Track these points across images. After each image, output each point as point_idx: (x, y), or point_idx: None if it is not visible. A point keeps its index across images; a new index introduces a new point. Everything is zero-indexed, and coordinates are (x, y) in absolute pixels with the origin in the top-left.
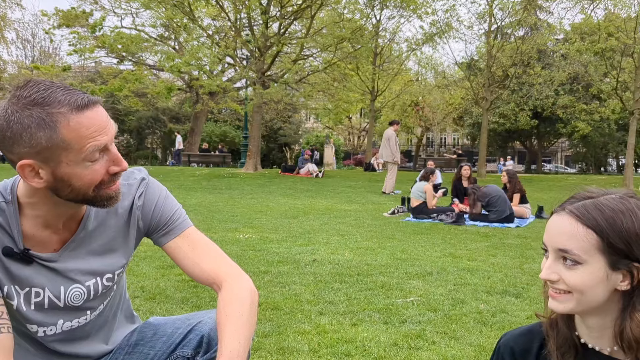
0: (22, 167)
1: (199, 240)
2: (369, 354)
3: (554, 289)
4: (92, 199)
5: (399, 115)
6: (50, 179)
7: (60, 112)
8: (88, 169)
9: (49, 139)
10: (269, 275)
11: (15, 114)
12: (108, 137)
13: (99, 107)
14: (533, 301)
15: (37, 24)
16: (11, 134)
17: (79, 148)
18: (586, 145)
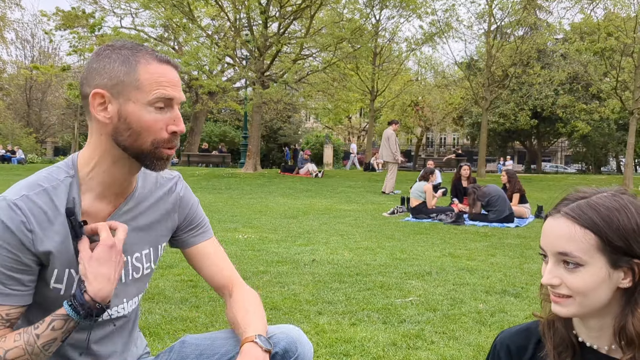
0: (94, 96)
1: (220, 248)
2: (368, 353)
3: (555, 293)
4: (147, 154)
5: (399, 115)
6: (115, 116)
7: (144, 57)
8: (150, 114)
9: (127, 74)
10: (268, 275)
11: (106, 51)
12: (176, 94)
13: (176, 70)
14: (532, 301)
15: (36, 24)
16: (97, 66)
17: (149, 90)
18: (586, 145)
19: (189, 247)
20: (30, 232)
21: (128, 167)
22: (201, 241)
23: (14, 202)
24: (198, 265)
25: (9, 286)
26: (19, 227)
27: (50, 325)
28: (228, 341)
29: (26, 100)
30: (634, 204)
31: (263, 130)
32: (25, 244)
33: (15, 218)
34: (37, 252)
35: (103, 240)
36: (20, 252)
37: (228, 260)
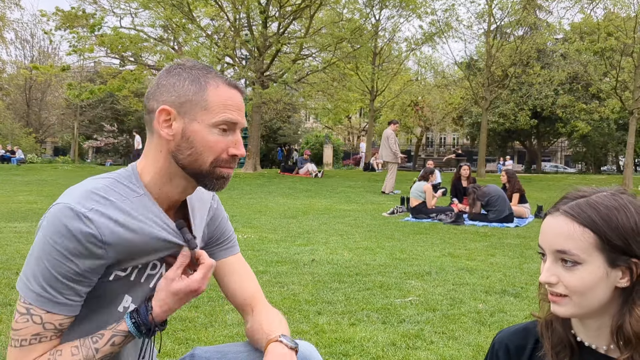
0: (161, 112)
1: (246, 264)
2: (367, 353)
3: (553, 292)
4: (206, 173)
5: (399, 115)
6: (178, 134)
7: (214, 79)
8: (213, 135)
9: (196, 94)
10: (268, 275)
11: (177, 69)
12: (241, 119)
13: (242, 96)
14: (532, 301)
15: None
16: (166, 82)
17: (216, 112)
18: (586, 144)
19: (219, 260)
20: (103, 244)
21: (183, 187)
22: (228, 256)
23: (84, 215)
24: (223, 280)
25: (66, 296)
26: (89, 239)
27: (111, 341)
28: (239, 355)
29: (26, 100)
30: (633, 203)
31: (263, 130)
32: (97, 255)
33: (85, 230)
34: (110, 262)
35: (193, 281)
36: (85, 262)
37: (254, 277)
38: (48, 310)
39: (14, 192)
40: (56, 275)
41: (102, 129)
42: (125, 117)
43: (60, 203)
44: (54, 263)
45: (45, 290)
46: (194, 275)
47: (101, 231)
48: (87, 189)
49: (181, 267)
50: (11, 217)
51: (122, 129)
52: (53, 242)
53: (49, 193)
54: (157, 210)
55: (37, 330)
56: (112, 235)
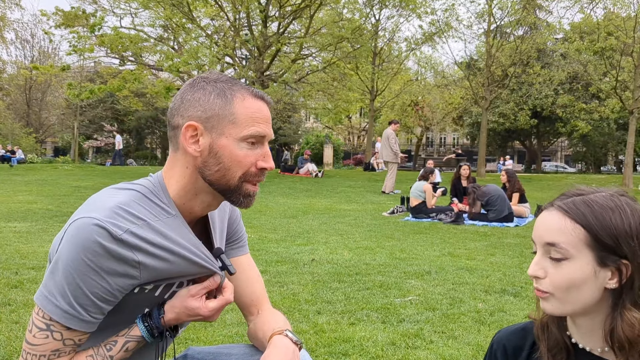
0: (187, 128)
1: (254, 266)
2: (367, 353)
3: (538, 288)
4: (233, 189)
5: (399, 114)
6: (205, 149)
7: (240, 91)
8: (242, 150)
9: (222, 107)
10: (267, 275)
11: (201, 83)
12: (269, 131)
13: (269, 107)
14: (531, 300)
15: (36, 24)
16: (191, 97)
17: (244, 126)
18: (586, 144)
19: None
20: (139, 265)
21: (208, 202)
22: (238, 255)
23: (119, 237)
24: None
25: (91, 314)
26: (125, 260)
27: (124, 347)
28: (232, 357)
29: (26, 100)
30: (630, 205)
31: None
32: (131, 275)
33: (121, 252)
34: (141, 282)
35: (207, 308)
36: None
37: (261, 280)
38: (71, 327)
39: (13, 192)
40: (87, 293)
41: (102, 129)
42: (126, 117)
43: (90, 218)
44: (86, 281)
45: (73, 307)
46: (210, 303)
47: (137, 253)
48: (116, 204)
49: (206, 289)
50: (10, 217)
51: (123, 128)
52: (87, 260)
53: (48, 193)
54: (189, 235)
55: (57, 347)
56: (147, 258)
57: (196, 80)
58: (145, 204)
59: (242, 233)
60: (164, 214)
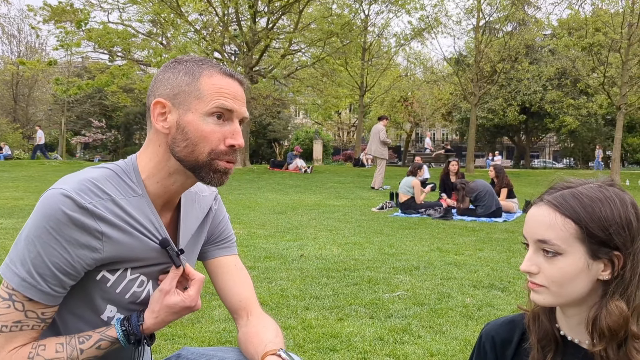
0: (155, 104)
1: (243, 267)
2: (354, 348)
3: (532, 281)
4: (203, 165)
5: (388, 110)
6: (173, 126)
7: (209, 69)
8: (208, 125)
9: (189, 84)
10: (256, 271)
11: (173, 64)
12: (237, 107)
13: (241, 86)
14: (519, 295)
15: (22, 19)
16: (161, 77)
17: (209, 100)
18: (574, 140)
19: (209, 259)
20: (102, 235)
21: (181, 182)
22: (224, 255)
23: (84, 206)
24: (216, 279)
25: (50, 285)
26: (88, 230)
27: (97, 344)
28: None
29: (13, 96)
30: (619, 196)
31: (252, 126)
32: (93, 247)
33: (85, 220)
34: (103, 258)
35: (189, 297)
36: (78, 253)
37: (250, 282)
38: (30, 297)
39: (0, 188)
40: (48, 262)
41: (90, 125)
42: (114, 113)
43: (57, 189)
44: (47, 249)
45: (32, 276)
46: (189, 292)
47: (100, 223)
48: (85, 177)
49: (175, 279)
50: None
51: (111, 124)
52: (50, 228)
53: (35, 189)
54: (153, 217)
55: (18, 318)
56: (110, 229)
57: (170, 62)
58: (114, 182)
59: (229, 234)
60: (131, 192)
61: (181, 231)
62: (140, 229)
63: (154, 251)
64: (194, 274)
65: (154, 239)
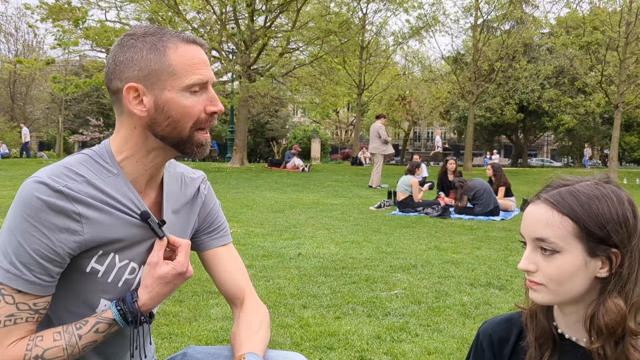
0: (128, 90)
1: (237, 255)
2: (352, 347)
3: (530, 280)
4: (186, 140)
5: (386, 109)
6: (151, 107)
7: (170, 40)
8: (188, 99)
9: (158, 62)
10: (253, 270)
11: (130, 41)
12: (210, 75)
13: (203, 49)
14: (516, 293)
15: (20, 17)
16: (124, 58)
17: (183, 75)
18: (571, 138)
19: (205, 250)
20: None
21: (162, 157)
22: (219, 245)
23: (58, 189)
24: (212, 270)
25: (36, 274)
26: (64, 212)
27: (94, 328)
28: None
29: (10, 95)
30: (616, 193)
31: (250, 125)
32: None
33: (60, 203)
34: (85, 240)
35: (178, 263)
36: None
37: (244, 269)
38: (18, 288)
39: None
40: (29, 250)
41: (87, 124)
42: (112, 112)
43: (32, 178)
44: (27, 237)
45: (15, 266)
46: (177, 258)
47: (76, 205)
48: (59, 163)
49: (161, 251)
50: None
51: (109, 123)
52: (27, 216)
53: None
54: (130, 194)
55: (11, 311)
56: (87, 210)
57: (124, 39)
58: (88, 164)
59: (221, 222)
60: (106, 172)
61: (164, 204)
62: (119, 206)
63: (136, 227)
64: (178, 241)
65: (133, 215)
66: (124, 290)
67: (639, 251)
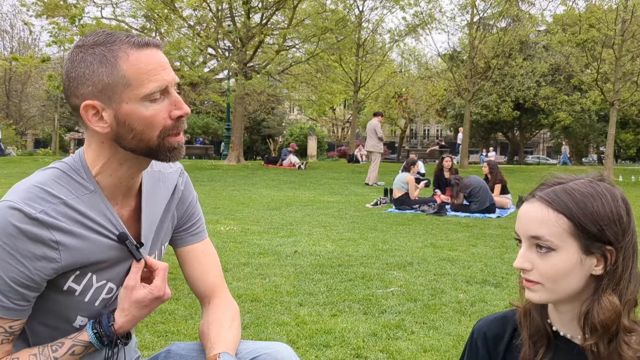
0: (85, 108)
1: (212, 251)
2: (348, 344)
3: (526, 279)
4: (157, 149)
5: (383, 106)
6: (113, 122)
7: (121, 48)
8: (149, 109)
9: (110, 74)
10: (249, 267)
11: (80, 54)
12: (168, 77)
13: (159, 50)
14: (512, 290)
15: (15, 14)
16: (75, 74)
17: (139, 84)
18: (567, 136)
19: (181, 247)
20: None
21: (137, 166)
22: (195, 242)
23: (34, 217)
24: (186, 267)
25: (13, 300)
26: (41, 240)
27: (70, 350)
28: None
29: (5, 92)
30: (610, 191)
31: (246, 122)
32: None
33: (36, 232)
34: (62, 266)
35: (155, 287)
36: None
37: (218, 265)
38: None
39: None
40: (5, 278)
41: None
42: None
43: (4, 201)
44: (3, 265)
45: None
46: (155, 282)
47: (54, 232)
48: (32, 184)
49: (138, 273)
50: None
51: None
52: (2, 244)
53: None
54: (108, 212)
55: None
56: (65, 237)
57: (73, 53)
58: (63, 182)
59: (198, 216)
60: (83, 189)
61: (144, 218)
62: (97, 227)
63: (114, 249)
64: (156, 264)
65: (111, 236)
66: (100, 309)
67: (633, 248)
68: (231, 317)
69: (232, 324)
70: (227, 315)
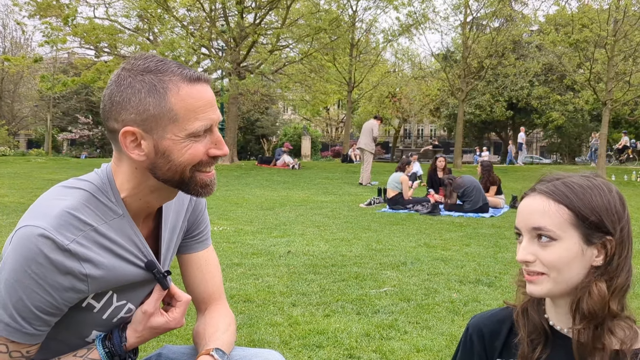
0: (124, 135)
1: (215, 259)
2: (341, 345)
3: (529, 272)
4: (188, 182)
5: (376, 106)
6: (151, 152)
7: (172, 80)
8: (191, 146)
9: (157, 106)
10: (242, 268)
11: (128, 79)
12: (214, 117)
13: (209, 86)
14: (505, 290)
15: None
16: (120, 99)
17: (186, 121)
18: (560, 135)
19: (186, 254)
20: (86, 277)
21: (166, 195)
22: (200, 249)
23: (66, 248)
24: (186, 272)
25: (35, 326)
26: (72, 273)
27: None
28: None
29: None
30: (606, 184)
31: (240, 122)
32: (78, 289)
33: (68, 264)
34: (90, 292)
35: (174, 320)
36: (63, 296)
37: (219, 274)
38: (15, 340)
39: None
40: (30, 306)
41: (76, 121)
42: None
43: (34, 227)
44: (30, 294)
45: (15, 320)
46: (174, 314)
47: (84, 265)
48: (63, 209)
49: (159, 301)
50: None
51: (98, 121)
52: (31, 272)
53: (20, 186)
54: (136, 238)
55: (3, 359)
56: (94, 269)
57: (121, 75)
58: (93, 205)
59: (206, 224)
60: (111, 214)
61: (163, 242)
62: (125, 254)
63: (140, 274)
64: (180, 295)
65: (139, 263)
66: (116, 325)
67: (627, 236)
68: (228, 322)
69: (228, 327)
70: (224, 320)
